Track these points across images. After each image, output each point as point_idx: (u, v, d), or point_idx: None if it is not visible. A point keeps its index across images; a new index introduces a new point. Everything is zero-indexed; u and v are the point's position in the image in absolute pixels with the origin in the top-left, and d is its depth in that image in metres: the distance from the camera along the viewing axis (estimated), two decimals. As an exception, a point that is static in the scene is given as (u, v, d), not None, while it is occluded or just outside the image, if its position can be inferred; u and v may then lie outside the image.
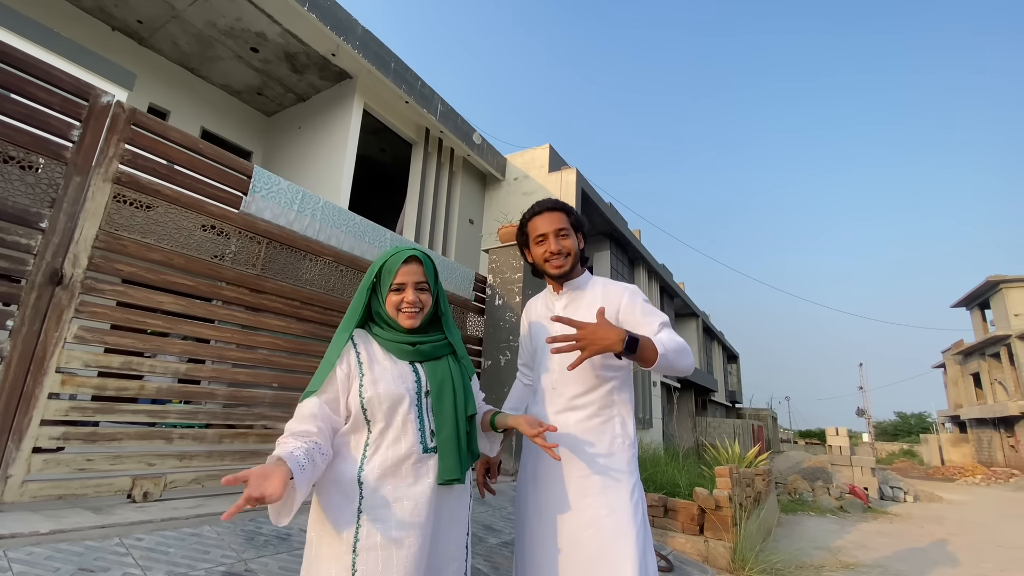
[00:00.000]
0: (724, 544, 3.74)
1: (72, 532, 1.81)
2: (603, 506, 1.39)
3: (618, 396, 1.51)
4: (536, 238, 1.62)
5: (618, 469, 1.43)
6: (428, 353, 1.30)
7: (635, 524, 1.38)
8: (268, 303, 2.99)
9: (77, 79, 2.34)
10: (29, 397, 2.06)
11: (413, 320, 1.28)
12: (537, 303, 1.73)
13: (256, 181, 3.00)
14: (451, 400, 1.26)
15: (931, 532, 7.40)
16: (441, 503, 1.21)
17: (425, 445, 1.21)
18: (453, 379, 1.29)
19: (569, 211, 1.64)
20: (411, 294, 1.27)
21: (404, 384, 1.23)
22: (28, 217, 2.12)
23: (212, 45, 8.71)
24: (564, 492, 1.43)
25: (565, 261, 1.58)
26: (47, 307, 2.13)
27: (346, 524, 1.11)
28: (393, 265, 1.29)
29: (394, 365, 1.26)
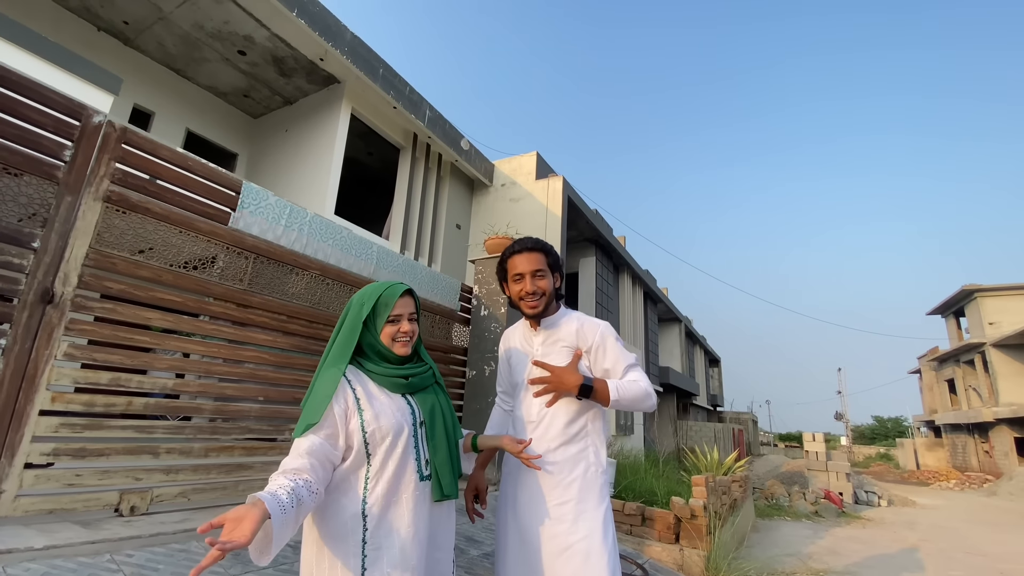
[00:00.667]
0: (699, 553, 3.86)
1: (65, 548, 1.86)
2: (578, 531, 1.49)
3: (592, 427, 1.61)
4: (514, 276, 1.68)
5: (591, 496, 1.54)
6: (418, 385, 1.40)
7: (607, 547, 1.49)
8: (255, 318, 3.05)
9: (69, 99, 2.39)
10: (21, 414, 2.10)
11: (406, 348, 1.38)
12: (515, 335, 1.81)
13: (245, 196, 3.06)
14: (443, 427, 1.38)
15: (902, 538, 7.64)
16: (435, 524, 1.33)
17: (422, 473, 1.31)
18: (442, 407, 1.41)
19: (548, 251, 1.71)
20: (407, 324, 1.38)
21: (403, 417, 1.32)
22: (20, 237, 2.16)
23: (199, 47, 8.67)
24: (542, 518, 1.53)
25: (539, 302, 1.65)
26: (38, 325, 2.17)
27: (352, 555, 1.17)
28: (390, 298, 1.37)
29: (390, 399, 1.33)
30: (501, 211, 11.84)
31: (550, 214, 11.26)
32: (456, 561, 1.42)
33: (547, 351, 1.65)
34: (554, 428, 1.58)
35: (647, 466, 6.16)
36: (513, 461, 1.65)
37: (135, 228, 2.53)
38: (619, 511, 4.34)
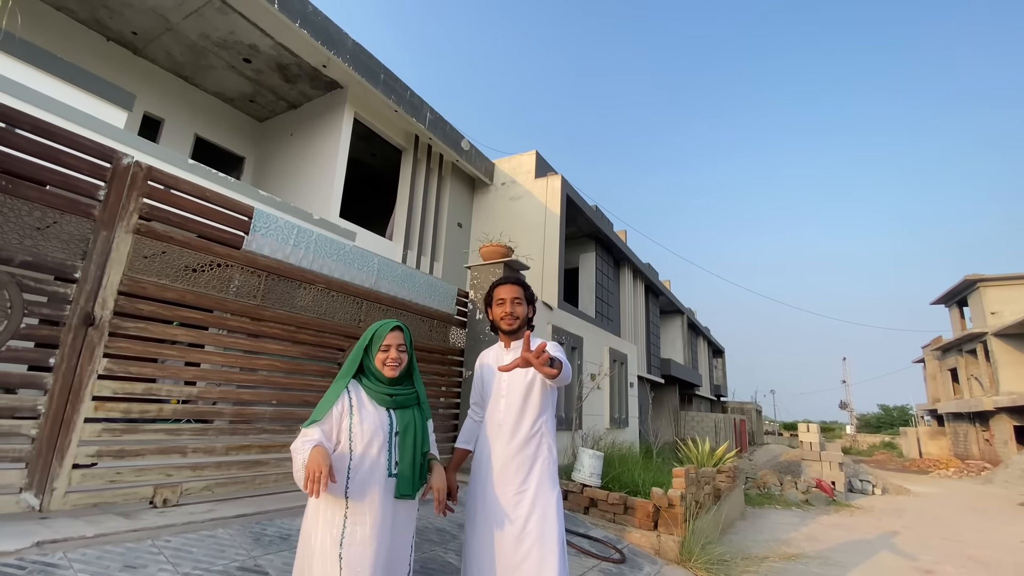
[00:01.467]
0: (674, 538, 4.20)
1: (112, 535, 2.21)
2: (535, 512, 1.87)
3: (545, 428, 1.99)
4: (497, 300, 2.15)
5: (545, 484, 1.92)
6: (400, 403, 1.77)
7: (558, 524, 1.89)
8: (267, 329, 3.39)
9: (101, 144, 2.71)
10: (69, 422, 2.45)
11: (394, 372, 1.75)
12: (489, 355, 2.20)
13: (256, 221, 3.38)
14: (412, 439, 1.74)
15: (886, 525, 7.93)
16: (397, 513, 1.69)
17: (390, 471, 1.67)
18: (415, 424, 1.77)
19: (526, 287, 2.19)
20: (395, 352, 1.76)
21: (381, 425, 1.70)
22: (64, 269, 2.50)
23: (205, 55, 8.96)
24: (505, 502, 1.89)
25: (514, 321, 2.10)
26: (81, 346, 2.52)
27: (336, 525, 1.57)
28: (383, 332, 1.78)
29: (375, 410, 1.72)
30: (501, 210, 12.12)
31: (549, 212, 11.52)
32: (415, 546, 1.80)
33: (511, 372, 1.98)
34: (520, 431, 1.94)
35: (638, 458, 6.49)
36: (481, 461, 1.99)
37: (161, 256, 2.86)
38: (603, 500, 4.68)
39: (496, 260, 5.54)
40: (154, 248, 2.84)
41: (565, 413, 6.98)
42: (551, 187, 11.60)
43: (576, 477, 5.05)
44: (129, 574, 1.95)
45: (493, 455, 1.96)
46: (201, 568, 2.13)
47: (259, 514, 2.83)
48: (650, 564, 3.87)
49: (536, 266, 10.39)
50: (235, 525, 2.62)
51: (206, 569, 2.13)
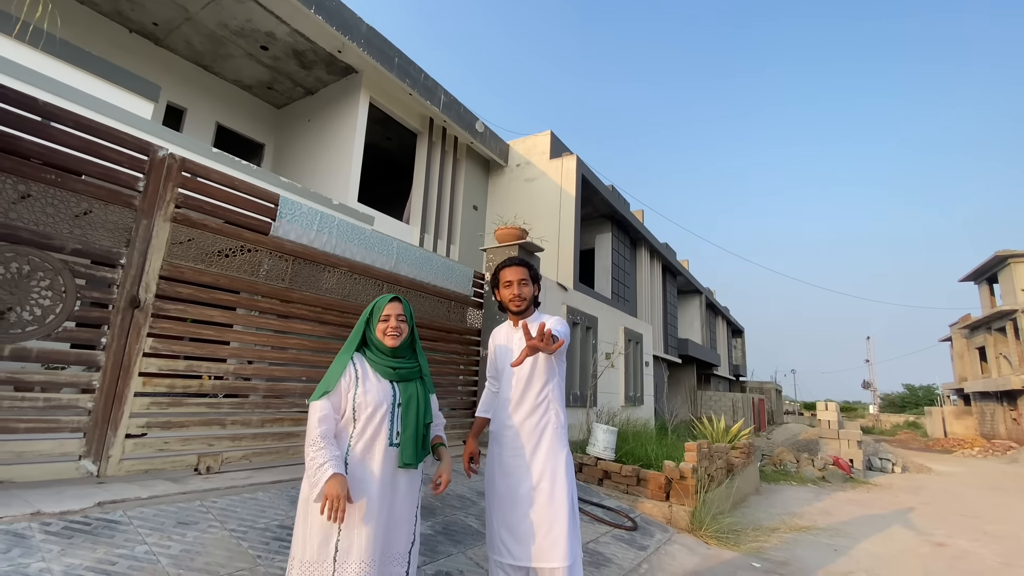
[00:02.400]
0: (686, 509, 4.35)
1: (164, 497, 2.44)
2: (546, 473, 2.03)
3: (552, 395, 2.15)
4: (504, 283, 2.25)
5: (554, 446, 2.08)
6: (403, 375, 1.84)
7: (567, 481, 2.04)
8: (295, 311, 3.58)
9: (138, 138, 2.88)
10: (121, 396, 2.68)
11: (395, 341, 1.82)
12: (500, 333, 2.34)
13: (282, 208, 3.55)
14: (414, 411, 1.79)
15: (902, 501, 7.95)
16: (398, 483, 1.74)
17: (392, 440, 1.73)
18: (418, 396, 1.82)
19: (531, 267, 2.29)
20: (394, 322, 1.83)
21: (384, 396, 1.76)
22: (110, 256, 2.70)
23: (224, 44, 9.12)
24: (519, 465, 2.07)
25: (522, 303, 2.22)
26: (129, 326, 2.73)
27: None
28: (382, 304, 1.86)
29: (379, 382, 1.78)
30: (516, 191, 12.18)
31: (564, 193, 11.53)
32: (419, 516, 1.87)
33: (521, 344, 2.12)
34: (527, 400, 2.11)
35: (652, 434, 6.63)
36: (497, 429, 2.17)
37: (196, 242, 3.06)
38: (617, 472, 4.85)
39: (511, 242, 5.65)
40: (190, 235, 3.03)
41: (580, 391, 7.14)
42: (566, 167, 11.60)
43: (590, 451, 5.22)
44: (183, 529, 2.18)
45: (506, 423, 2.13)
46: (246, 525, 2.35)
47: (294, 480, 3.05)
48: (661, 532, 4.04)
49: (551, 247, 10.47)
50: (273, 489, 2.85)
51: (251, 526, 2.35)
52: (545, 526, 1.97)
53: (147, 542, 2.03)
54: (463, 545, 2.84)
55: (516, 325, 2.25)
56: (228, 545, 2.16)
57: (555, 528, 1.96)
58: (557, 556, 1.92)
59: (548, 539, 1.95)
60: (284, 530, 2.40)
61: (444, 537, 2.86)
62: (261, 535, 2.31)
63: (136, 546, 1.99)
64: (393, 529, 1.71)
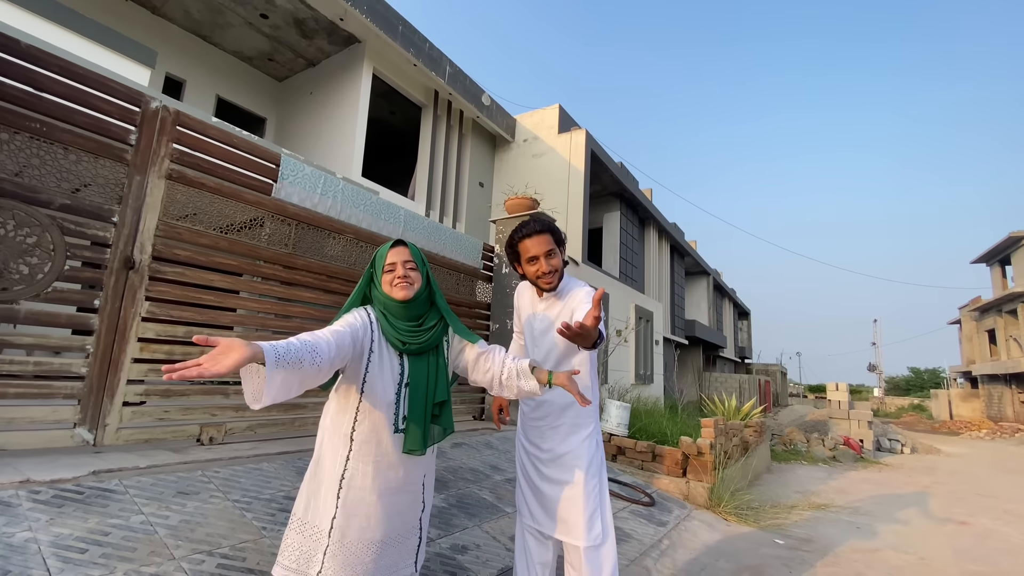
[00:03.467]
0: (703, 485, 4.22)
1: (164, 467, 2.31)
2: (568, 444, 1.87)
3: (582, 369, 1.91)
4: (528, 258, 1.88)
5: (582, 419, 1.90)
6: (413, 350, 1.52)
7: (590, 451, 1.86)
8: (300, 278, 3.41)
9: (129, 87, 2.69)
10: (117, 362, 2.53)
11: (406, 291, 1.50)
12: (525, 295, 2.07)
13: (284, 168, 3.36)
14: (423, 392, 1.50)
15: (916, 481, 7.85)
16: (405, 467, 1.50)
17: (396, 426, 1.48)
18: (428, 374, 1.53)
19: (554, 230, 1.92)
20: (400, 269, 1.51)
21: (392, 377, 1.49)
22: (102, 213, 2.53)
23: (222, 12, 8.82)
24: (544, 436, 1.91)
25: (554, 278, 1.87)
26: (124, 288, 2.57)
27: (340, 464, 1.43)
28: (384, 251, 1.55)
29: (389, 357, 1.50)
30: (523, 167, 11.90)
31: (573, 169, 11.25)
32: (424, 498, 1.59)
33: (544, 317, 1.95)
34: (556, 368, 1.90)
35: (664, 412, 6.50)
36: (522, 401, 1.98)
37: (194, 201, 2.88)
38: (631, 448, 4.73)
39: (522, 213, 5.45)
40: (187, 193, 2.85)
41: (591, 368, 6.99)
42: (575, 142, 11.30)
43: (604, 427, 5.10)
44: (183, 499, 2.04)
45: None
46: (250, 496, 2.22)
47: (300, 452, 2.92)
48: (679, 508, 3.92)
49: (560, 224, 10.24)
50: (278, 460, 2.72)
51: (255, 496, 2.22)
52: (570, 501, 1.80)
53: (144, 512, 1.89)
54: (478, 518, 2.71)
55: (540, 296, 1.99)
56: (231, 516, 2.03)
57: (580, 504, 1.78)
58: (581, 534, 1.76)
59: (573, 515, 1.79)
60: (291, 501, 2.26)
61: (459, 510, 2.73)
62: (266, 506, 2.18)
63: (132, 516, 1.85)
64: (396, 515, 1.50)
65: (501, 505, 2.97)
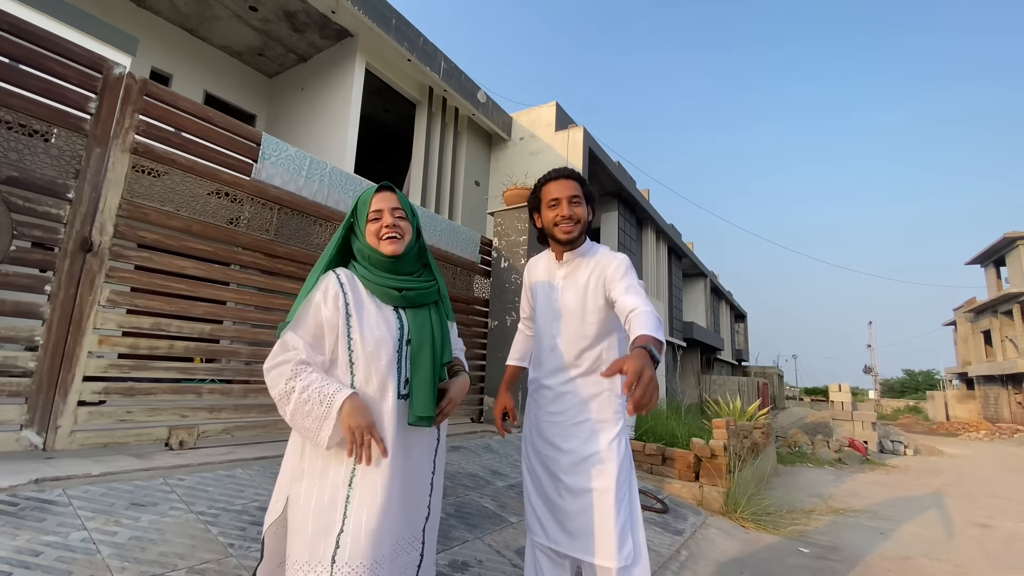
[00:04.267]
0: (718, 489, 3.96)
1: (121, 474, 2.02)
2: (593, 445, 1.56)
3: (606, 355, 1.63)
4: (549, 202, 1.66)
5: (606, 417, 1.59)
6: (413, 299, 1.30)
7: (620, 453, 1.55)
8: (282, 267, 3.13)
9: (89, 51, 2.41)
10: (71, 356, 2.24)
11: (395, 245, 1.27)
12: (539, 266, 1.80)
13: (265, 148, 3.09)
14: (429, 349, 1.27)
15: (926, 483, 7.64)
16: (411, 443, 1.25)
17: (400, 391, 1.23)
18: (433, 328, 1.30)
19: (583, 182, 1.71)
20: (388, 217, 1.28)
21: (389, 332, 1.24)
22: (55, 188, 2.24)
23: (210, 4, 8.55)
24: (561, 432, 1.61)
25: (574, 227, 1.63)
26: (80, 273, 2.29)
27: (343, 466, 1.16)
28: (367, 196, 1.32)
29: (379, 311, 1.26)
30: (520, 165, 11.65)
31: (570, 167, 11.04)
32: (435, 485, 1.33)
33: (569, 283, 1.66)
34: (570, 355, 1.62)
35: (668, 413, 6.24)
36: (534, 389, 1.71)
37: (163, 179, 2.60)
38: (639, 451, 4.46)
39: (521, 204, 5.20)
40: (155, 170, 2.57)
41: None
42: (572, 140, 11.09)
43: (609, 430, 4.82)
44: (136, 512, 1.75)
45: (544, 382, 1.66)
46: (218, 507, 1.93)
47: (280, 457, 2.62)
48: (694, 515, 3.65)
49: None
50: (255, 467, 2.43)
51: (224, 508, 1.93)
52: (592, 514, 1.50)
53: (87, 527, 1.60)
54: (480, 530, 2.43)
55: (560, 258, 1.71)
56: (192, 531, 1.74)
57: (605, 518, 1.48)
58: (612, 553, 1.45)
59: (601, 531, 1.48)
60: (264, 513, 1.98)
61: (458, 520, 2.44)
62: (236, 519, 1.89)
63: (71, 532, 1.56)
64: (406, 508, 1.22)
65: (504, 514, 2.69)
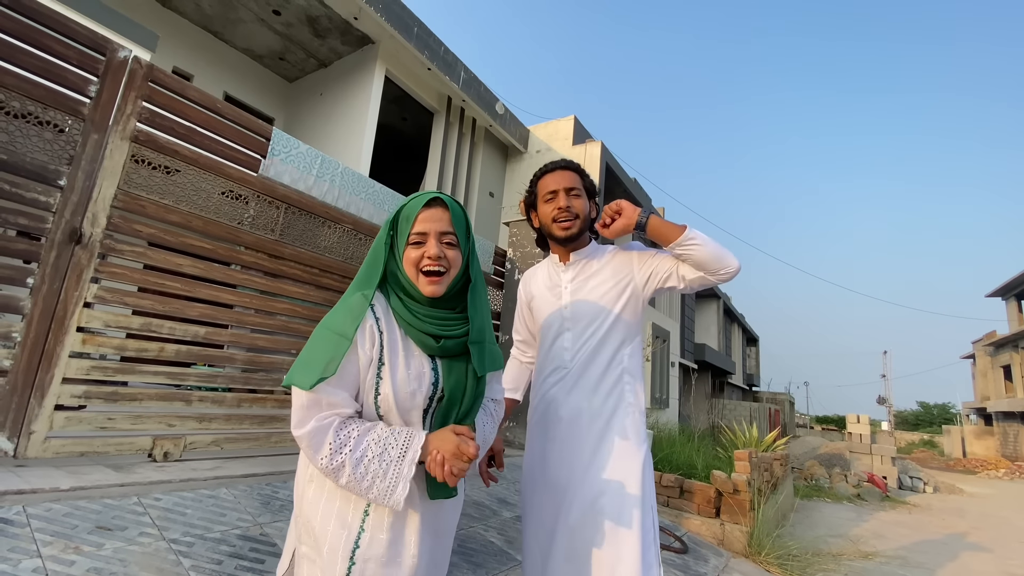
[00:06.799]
0: (741, 528, 3.68)
1: (92, 490, 1.82)
2: (624, 464, 1.34)
3: (629, 363, 1.44)
4: (545, 195, 1.49)
5: (627, 439, 1.37)
6: (450, 349, 1.02)
7: (646, 481, 1.35)
8: (287, 269, 2.96)
9: (93, 32, 2.28)
10: (51, 355, 2.07)
11: (435, 286, 0.99)
12: (538, 275, 1.60)
13: (275, 144, 2.93)
14: (457, 409, 1.03)
15: (951, 524, 7.26)
16: (440, 510, 1.05)
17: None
18: (466, 385, 1.04)
19: (582, 172, 1.55)
20: (434, 246, 0.99)
21: (421, 387, 0.99)
22: (46, 174, 2.09)
23: (235, 7, 8.58)
24: (575, 469, 1.37)
25: (573, 222, 1.45)
26: (67, 266, 2.12)
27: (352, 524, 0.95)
28: (412, 210, 1.01)
29: (412, 358, 1.00)
30: (536, 178, 11.54)
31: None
32: (449, 548, 1.13)
33: (578, 287, 1.47)
34: (590, 372, 1.41)
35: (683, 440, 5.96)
36: (538, 415, 1.49)
37: (163, 170, 2.44)
38: (657, 482, 4.19)
39: (538, 216, 5.02)
40: (155, 161, 2.42)
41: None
42: (589, 154, 10.96)
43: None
44: (101, 537, 1.55)
45: (554, 407, 1.44)
46: (194, 534, 1.72)
47: (272, 475, 2.43)
48: (715, 556, 3.37)
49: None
50: (241, 486, 2.22)
51: (200, 535, 1.72)
52: (610, 561, 1.28)
53: (42, 554, 1.40)
54: (485, 569, 2.19)
55: (565, 260, 1.51)
56: (161, 563, 1.53)
57: (624, 565, 1.26)
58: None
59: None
60: (247, 543, 1.76)
61: (460, 558, 2.21)
62: (213, 549, 1.67)
63: (22, 560, 1.36)
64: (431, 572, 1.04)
65: (511, 551, 2.44)
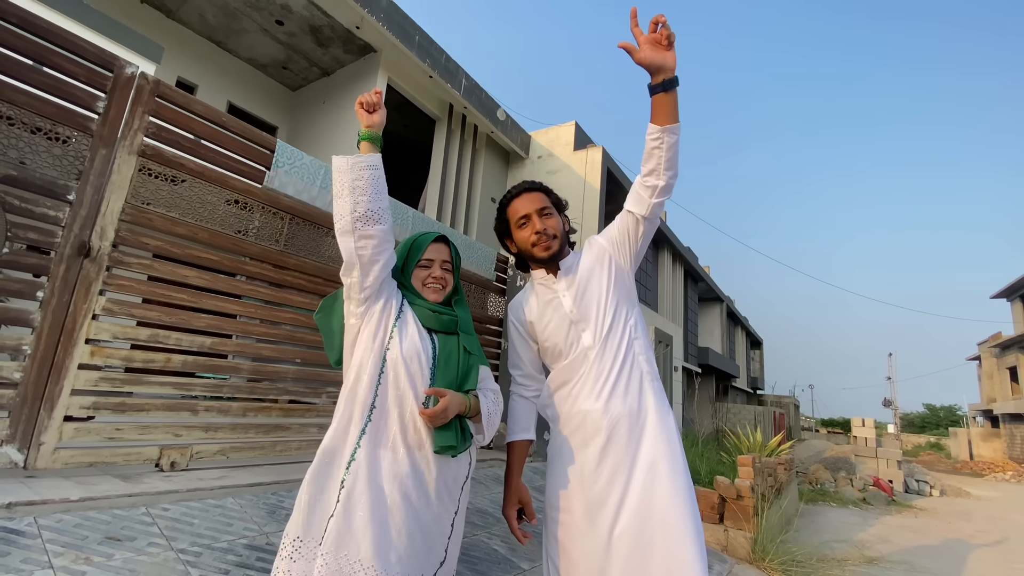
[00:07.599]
0: (744, 534, 3.68)
1: (101, 500, 1.85)
2: (670, 482, 1.27)
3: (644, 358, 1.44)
4: (517, 222, 1.51)
5: (668, 442, 1.32)
6: (446, 324, 1.37)
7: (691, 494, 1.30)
8: (291, 279, 2.99)
9: (101, 49, 2.32)
10: (60, 367, 2.10)
11: (437, 295, 1.38)
12: (528, 300, 1.57)
13: (279, 156, 2.97)
14: (454, 374, 1.29)
15: (958, 529, 7.21)
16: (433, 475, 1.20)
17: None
18: (459, 354, 1.34)
19: (547, 191, 1.56)
20: (438, 270, 1.38)
21: (424, 347, 1.28)
22: (56, 189, 2.13)
23: (238, 17, 8.67)
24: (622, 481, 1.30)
25: (552, 242, 1.47)
26: (76, 279, 2.16)
27: (349, 444, 1.18)
28: (424, 243, 1.39)
29: (416, 328, 1.32)
30: (537, 184, 11.58)
31: (588, 186, 10.91)
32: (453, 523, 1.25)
33: (575, 288, 1.47)
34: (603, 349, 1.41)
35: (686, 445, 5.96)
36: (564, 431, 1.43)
37: (170, 183, 2.48)
38: (660, 488, 4.20)
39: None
40: (162, 174, 2.46)
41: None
42: (591, 160, 11.00)
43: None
44: (111, 548, 1.58)
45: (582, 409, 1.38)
46: (202, 543, 1.74)
47: (277, 484, 2.45)
48: (719, 563, 3.37)
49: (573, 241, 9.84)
50: (247, 495, 2.24)
51: (208, 545, 1.74)
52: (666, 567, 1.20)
53: (53, 564, 1.43)
54: (488, 576, 2.21)
55: (554, 274, 1.51)
56: (170, 573, 1.55)
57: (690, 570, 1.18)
58: None
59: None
60: (253, 552, 1.79)
61: (463, 566, 2.23)
62: (220, 559, 1.70)
63: (35, 571, 1.39)
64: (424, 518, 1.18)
65: (516, 559, 2.45)
